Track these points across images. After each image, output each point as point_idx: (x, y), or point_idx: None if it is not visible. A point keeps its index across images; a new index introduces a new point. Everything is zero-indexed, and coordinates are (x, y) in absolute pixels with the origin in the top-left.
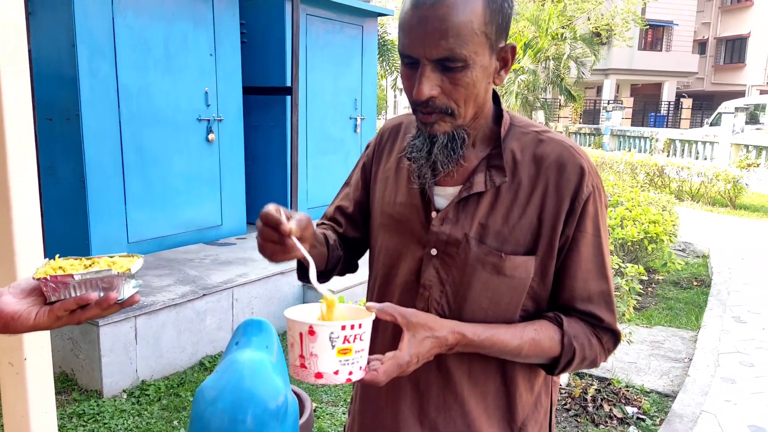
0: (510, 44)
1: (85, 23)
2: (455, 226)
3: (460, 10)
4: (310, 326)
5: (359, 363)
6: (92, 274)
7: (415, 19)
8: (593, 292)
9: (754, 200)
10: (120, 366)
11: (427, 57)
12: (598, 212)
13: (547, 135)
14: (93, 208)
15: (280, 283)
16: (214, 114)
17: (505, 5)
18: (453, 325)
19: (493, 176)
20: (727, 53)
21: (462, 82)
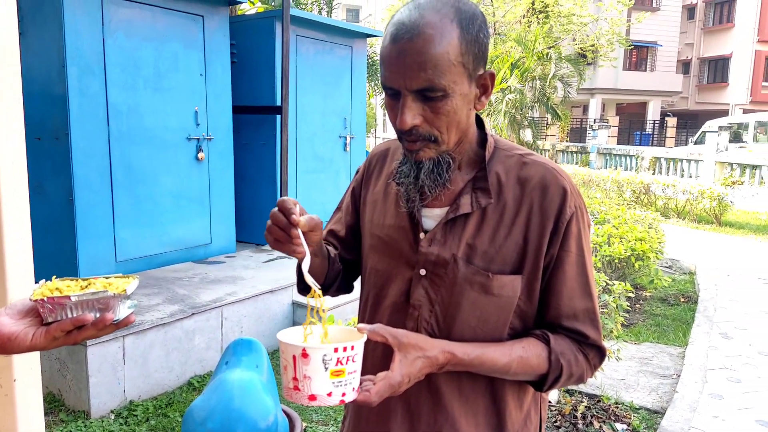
0: (489, 71)
1: (75, 43)
2: (443, 246)
3: (436, 42)
4: (303, 349)
5: (352, 384)
6: (88, 295)
7: (395, 53)
8: (578, 310)
9: (739, 217)
10: (108, 386)
11: (408, 88)
12: (581, 232)
13: (530, 158)
14: (81, 227)
15: (269, 302)
16: (204, 133)
17: (480, 35)
18: (443, 345)
19: (478, 198)
20: (710, 73)
21: (443, 111)
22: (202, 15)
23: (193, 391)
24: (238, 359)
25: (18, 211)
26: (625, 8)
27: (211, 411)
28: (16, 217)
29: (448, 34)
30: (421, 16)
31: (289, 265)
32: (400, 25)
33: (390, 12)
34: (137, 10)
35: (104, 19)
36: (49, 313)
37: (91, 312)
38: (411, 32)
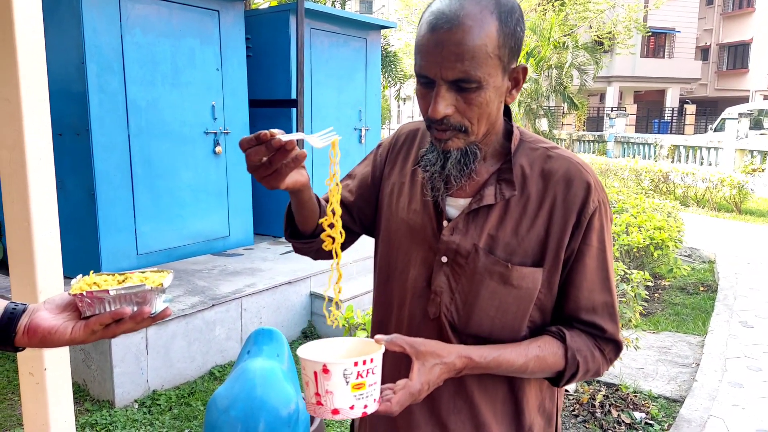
0: (521, 65)
1: (94, 41)
2: (465, 236)
3: (475, 34)
4: (324, 365)
5: (373, 396)
6: (126, 289)
7: (432, 42)
8: (597, 303)
9: (760, 205)
10: (131, 376)
11: (443, 78)
12: (603, 226)
13: (555, 151)
14: (103, 221)
15: (288, 293)
16: (221, 127)
17: (518, 29)
18: (460, 350)
19: (502, 189)
20: (729, 59)
21: (476, 102)
22: (218, 10)
23: (215, 380)
24: (259, 348)
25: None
26: None
27: (234, 399)
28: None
29: (487, 26)
30: (461, 6)
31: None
32: (440, 14)
33: (404, 3)
34: (154, 6)
35: (122, 16)
36: (88, 307)
37: (129, 306)
38: (450, 22)
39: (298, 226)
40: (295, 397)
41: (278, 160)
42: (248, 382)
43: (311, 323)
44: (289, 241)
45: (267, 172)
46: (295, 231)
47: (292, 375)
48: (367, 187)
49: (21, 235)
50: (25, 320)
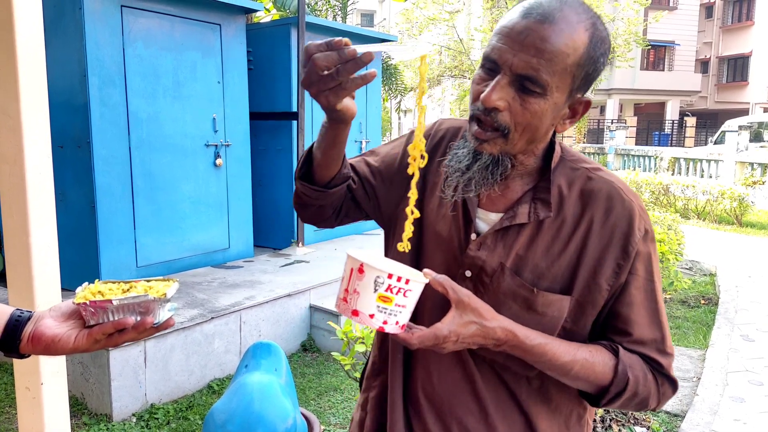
0: (586, 98)
1: (96, 54)
2: (492, 253)
3: (564, 39)
4: (361, 264)
5: (397, 318)
6: (130, 299)
7: (517, 28)
8: (647, 340)
9: (761, 218)
10: (129, 390)
11: (512, 68)
12: (650, 255)
13: (597, 173)
14: (103, 233)
15: (287, 306)
16: (222, 139)
17: (601, 60)
18: (506, 323)
19: (537, 209)
20: (729, 72)
21: (531, 108)
22: (220, 24)
23: (213, 394)
24: (257, 362)
25: (44, 219)
26: (641, 8)
27: (231, 414)
28: (42, 225)
29: (578, 38)
30: (561, 8)
31: (306, 269)
32: (537, 4)
33: (405, 17)
34: (156, 20)
35: (124, 29)
36: (91, 316)
37: (132, 315)
38: (545, 16)
39: (316, 169)
40: (292, 412)
41: (348, 72)
42: (246, 397)
43: (311, 336)
44: (299, 183)
45: (330, 85)
46: (308, 175)
47: (290, 389)
48: (392, 170)
49: (19, 248)
50: (30, 328)
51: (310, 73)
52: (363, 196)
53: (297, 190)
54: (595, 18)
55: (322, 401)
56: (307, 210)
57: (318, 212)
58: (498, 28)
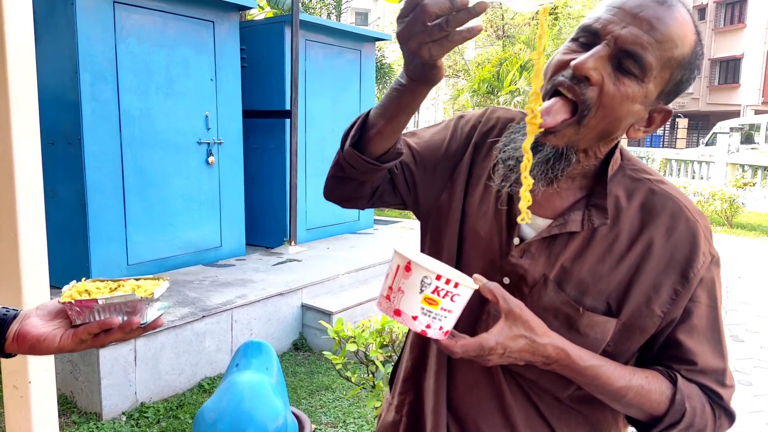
0: (668, 109)
1: (88, 49)
2: (535, 262)
3: (678, 27)
4: (409, 261)
5: (441, 323)
6: (116, 298)
7: (634, 2)
8: (708, 370)
9: (751, 219)
10: (119, 388)
11: (617, 41)
12: (714, 281)
13: (661, 186)
14: (93, 231)
15: (279, 305)
16: (215, 137)
17: (695, 72)
18: (558, 340)
19: (592, 216)
20: (721, 74)
21: (623, 90)
22: (213, 20)
23: (204, 393)
24: (248, 361)
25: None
26: None
27: (221, 413)
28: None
29: (689, 34)
30: (678, 4)
31: (298, 268)
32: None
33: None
34: (149, 16)
35: (116, 25)
36: (77, 315)
37: (119, 315)
38: (665, 1)
39: (372, 138)
40: (283, 411)
41: (458, 22)
42: (236, 396)
43: (302, 335)
44: (349, 151)
45: (435, 36)
46: (359, 145)
47: (281, 388)
48: (437, 156)
49: (8, 245)
50: (15, 327)
51: (415, 22)
52: (402, 181)
53: (341, 161)
54: (698, 30)
55: (314, 400)
56: (345, 184)
57: (356, 188)
58: (607, 3)
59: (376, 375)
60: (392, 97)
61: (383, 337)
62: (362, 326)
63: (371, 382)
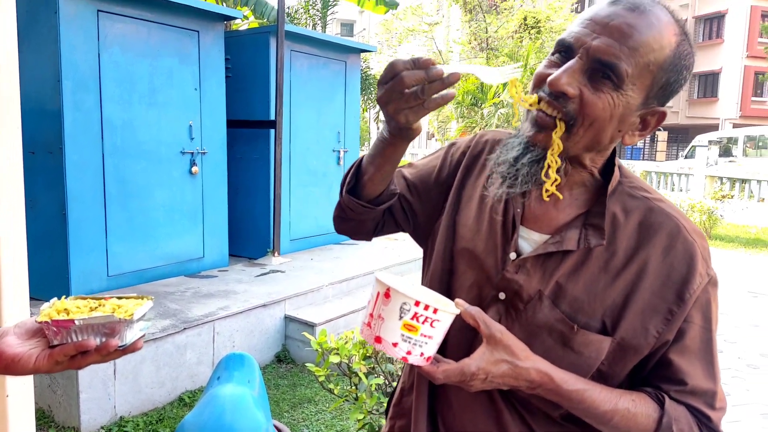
0: (662, 110)
1: (70, 58)
2: (530, 278)
3: (652, 32)
4: (388, 288)
5: (422, 349)
6: (94, 319)
7: (605, 12)
8: (698, 391)
9: (729, 231)
10: (98, 402)
11: (589, 53)
12: (710, 302)
13: (659, 204)
14: (73, 241)
15: (262, 316)
16: (198, 147)
17: (683, 74)
18: (541, 364)
19: (589, 236)
20: (700, 88)
21: (603, 100)
22: (198, 30)
23: (184, 406)
24: (230, 374)
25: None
26: None
27: (202, 426)
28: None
29: (667, 37)
30: (653, 4)
31: (281, 279)
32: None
33: (384, 27)
34: (133, 25)
35: (100, 34)
36: (54, 335)
37: (96, 336)
38: (636, 5)
39: (366, 183)
40: (265, 425)
41: (432, 91)
42: (217, 409)
43: (285, 347)
44: (346, 197)
45: (411, 104)
46: (356, 190)
47: (263, 402)
48: (428, 184)
49: None
50: None
51: (393, 89)
52: (400, 211)
53: (341, 204)
54: (685, 30)
55: (296, 413)
56: (347, 223)
57: (358, 226)
58: (582, 15)
59: (359, 387)
60: (378, 147)
61: (366, 349)
62: (345, 338)
63: (354, 394)
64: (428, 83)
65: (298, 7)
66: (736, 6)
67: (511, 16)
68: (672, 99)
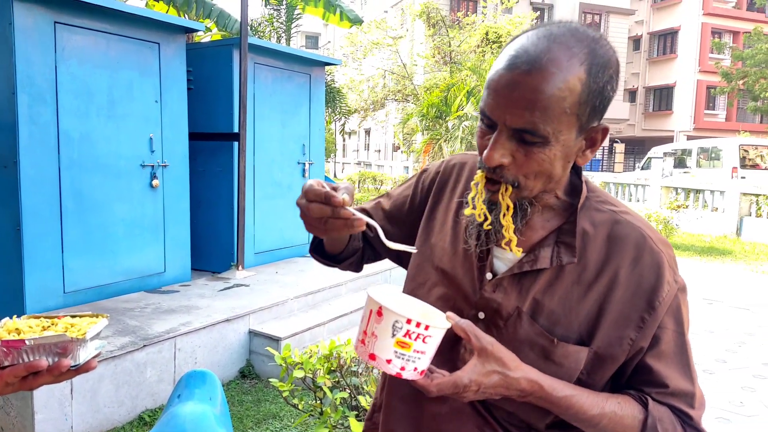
0: (603, 126)
1: (26, 71)
2: (507, 296)
3: (555, 83)
4: (380, 307)
5: (415, 364)
6: (45, 339)
7: (504, 82)
8: (678, 392)
9: (685, 240)
10: (54, 423)
11: (507, 124)
12: (680, 306)
13: (624, 217)
14: (28, 257)
15: (225, 331)
16: (159, 160)
17: (608, 87)
18: (531, 373)
19: (561, 253)
20: (655, 101)
21: (537, 158)
22: (158, 42)
23: (144, 426)
24: (191, 392)
25: None
26: None
27: None
28: None
29: (573, 77)
30: (549, 48)
31: (245, 293)
32: (522, 52)
33: (349, 40)
34: (91, 37)
35: (57, 46)
36: (5, 356)
37: (48, 357)
38: (531, 64)
39: (326, 244)
40: None
41: (336, 228)
42: (178, 428)
43: (250, 362)
44: (312, 255)
45: (319, 227)
46: (320, 247)
47: (225, 419)
48: (403, 212)
49: None
50: None
51: (303, 213)
52: (379, 243)
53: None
54: (592, 43)
55: (261, 429)
56: (328, 267)
57: (347, 267)
58: (487, 82)
59: (324, 401)
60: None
61: (331, 363)
62: (310, 352)
63: (319, 409)
64: (333, 218)
65: (262, 19)
66: (688, 23)
67: (473, 31)
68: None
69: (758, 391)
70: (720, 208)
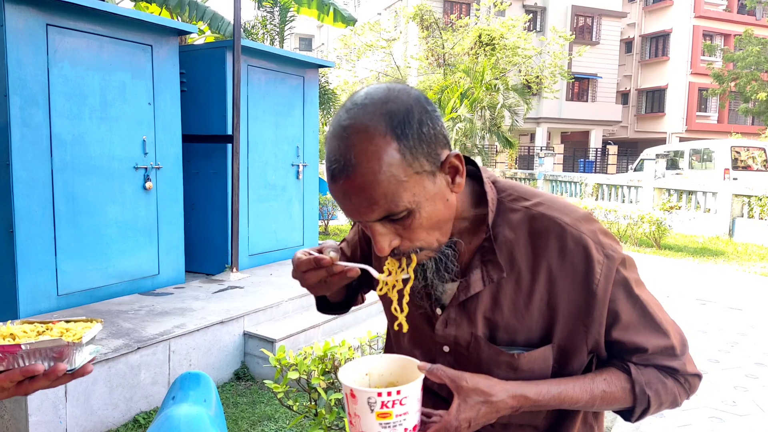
0: (452, 153)
1: (18, 73)
2: (460, 327)
3: (375, 172)
4: (350, 390)
5: (403, 425)
6: (41, 343)
7: (338, 193)
8: (655, 351)
9: (677, 240)
10: (48, 425)
11: (368, 220)
12: (623, 276)
13: (538, 210)
14: (21, 260)
15: (219, 333)
16: (152, 162)
17: (423, 130)
18: (513, 389)
19: (490, 272)
20: (647, 103)
21: (416, 224)
22: (151, 44)
23: (139, 428)
24: (185, 394)
25: None
26: (566, 42)
27: None
28: None
29: (386, 155)
30: (351, 143)
31: (240, 295)
32: (333, 160)
33: (343, 43)
34: (84, 39)
35: (49, 48)
36: (0, 361)
37: (44, 361)
38: (346, 170)
39: (329, 297)
40: None
41: (335, 284)
42: (172, 430)
43: (244, 364)
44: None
45: (317, 288)
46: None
47: (220, 421)
48: (358, 257)
49: None
50: None
51: (302, 283)
52: (364, 276)
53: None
54: (383, 107)
55: (255, 431)
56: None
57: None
58: (330, 192)
59: (319, 402)
60: None
61: (325, 364)
62: (304, 353)
63: (314, 410)
64: (330, 276)
65: (255, 22)
66: (680, 25)
67: (467, 33)
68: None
69: (751, 391)
70: (712, 210)
